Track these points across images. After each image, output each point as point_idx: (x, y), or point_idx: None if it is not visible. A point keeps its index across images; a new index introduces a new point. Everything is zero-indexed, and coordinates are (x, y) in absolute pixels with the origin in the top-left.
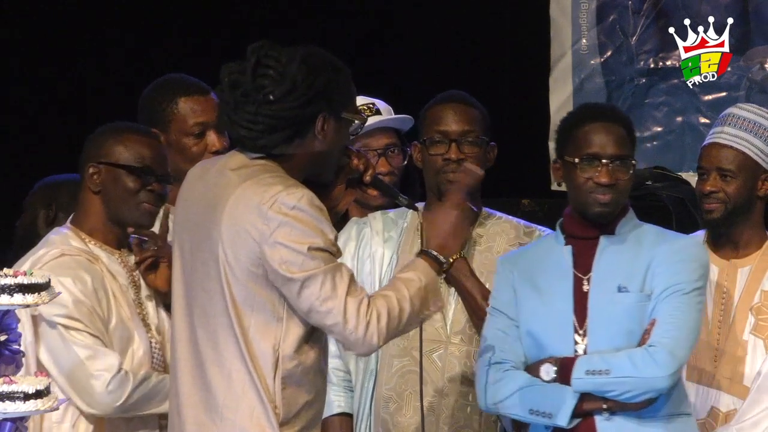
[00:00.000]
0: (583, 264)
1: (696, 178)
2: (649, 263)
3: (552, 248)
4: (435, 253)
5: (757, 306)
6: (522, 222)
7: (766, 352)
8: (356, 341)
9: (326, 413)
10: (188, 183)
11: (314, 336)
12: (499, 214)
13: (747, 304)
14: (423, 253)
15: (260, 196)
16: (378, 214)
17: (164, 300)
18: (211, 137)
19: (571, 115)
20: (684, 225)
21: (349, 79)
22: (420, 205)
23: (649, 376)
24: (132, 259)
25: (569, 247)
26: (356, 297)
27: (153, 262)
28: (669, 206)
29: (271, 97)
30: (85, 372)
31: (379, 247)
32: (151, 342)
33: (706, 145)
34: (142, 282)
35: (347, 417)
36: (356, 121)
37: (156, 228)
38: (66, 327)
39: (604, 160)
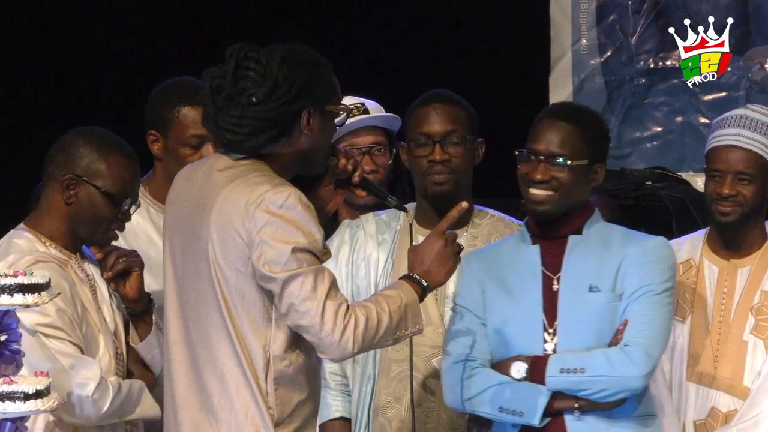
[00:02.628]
0: (551, 263)
1: (695, 178)
2: (619, 263)
3: (518, 247)
4: (418, 278)
5: (757, 306)
6: (515, 220)
7: (767, 352)
8: (330, 345)
9: (324, 418)
10: (176, 185)
11: (303, 339)
12: (491, 211)
13: (747, 304)
14: (407, 277)
15: (247, 196)
16: (370, 216)
17: (131, 307)
18: (208, 149)
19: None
20: (684, 225)
21: (330, 73)
22: (411, 206)
23: (625, 376)
24: (86, 265)
25: (537, 247)
26: (335, 301)
27: (124, 270)
28: (669, 206)
29: (254, 98)
30: (69, 381)
31: (374, 250)
32: (116, 347)
33: (721, 147)
34: (96, 287)
35: (345, 421)
36: (342, 113)
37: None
38: (48, 336)
39: (540, 156)
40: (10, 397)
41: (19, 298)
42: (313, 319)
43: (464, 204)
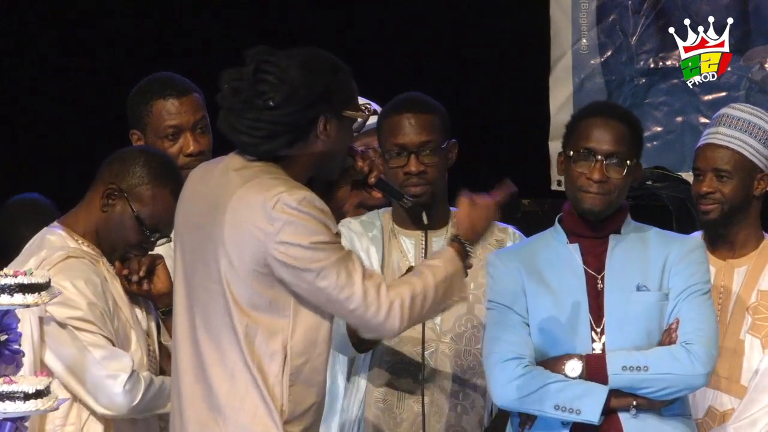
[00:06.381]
0: (593, 262)
1: None
2: (664, 262)
3: (553, 245)
4: (465, 243)
5: (754, 305)
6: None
7: (763, 351)
8: (378, 325)
9: None
10: (190, 184)
11: (321, 334)
12: None
13: (744, 303)
14: (455, 240)
15: (263, 196)
16: (351, 219)
17: (164, 304)
18: (186, 140)
19: (580, 109)
20: (684, 225)
21: (348, 78)
22: (386, 210)
23: (690, 374)
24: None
25: (576, 245)
26: (374, 281)
27: (150, 267)
28: (669, 206)
29: (272, 103)
30: (102, 372)
31: (370, 244)
32: (148, 344)
33: (702, 146)
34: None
35: None
36: (359, 119)
37: None
38: (79, 329)
39: (598, 156)
40: (10, 397)
41: (19, 298)
42: (356, 303)
43: (512, 186)
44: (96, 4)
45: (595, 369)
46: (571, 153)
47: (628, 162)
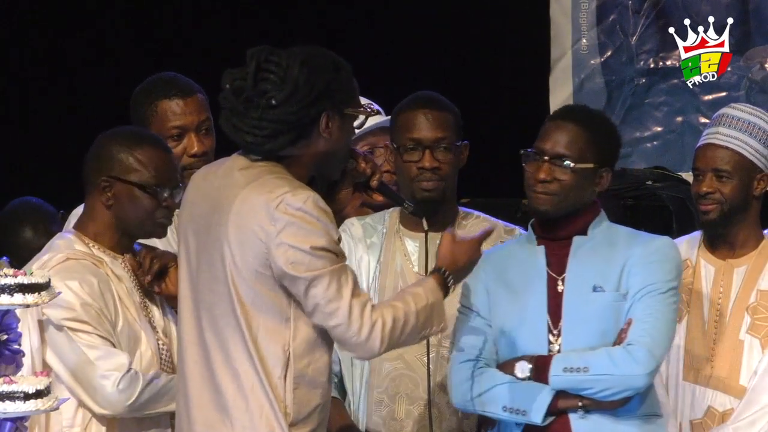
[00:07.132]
0: (556, 264)
1: None
2: (624, 263)
3: (524, 248)
4: (448, 274)
5: (753, 305)
6: (501, 222)
7: (762, 351)
8: (358, 344)
9: None
10: (193, 185)
11: (324, 336)
12: (477, 213)
13: (743, 303)
14: (437, 272)
15: (266, 197)
16: (354, 220)
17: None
18: (190, 140)
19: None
20: (684, 225)
21: (350, 76)
22: (395, 210)
23: (628, 374)
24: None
25: (542, 247)
26: (361, 300)
27: (162, 269)
28: (669, 206)
29: (274, 101)
30: (95, 372)
31: (364, 254)
32: (158, 343)
33: (701, 146)
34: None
35: (336, 399)
36: (361, 116)
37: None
38: (74, 330)
39: (545, 156)
40: (10, 397)
41: (19, 298)
42: (340, 319)
43: (490, 228)
44: (97, 4)
45: (541, 370)
46: (522, 152)
47: (573, 165)
